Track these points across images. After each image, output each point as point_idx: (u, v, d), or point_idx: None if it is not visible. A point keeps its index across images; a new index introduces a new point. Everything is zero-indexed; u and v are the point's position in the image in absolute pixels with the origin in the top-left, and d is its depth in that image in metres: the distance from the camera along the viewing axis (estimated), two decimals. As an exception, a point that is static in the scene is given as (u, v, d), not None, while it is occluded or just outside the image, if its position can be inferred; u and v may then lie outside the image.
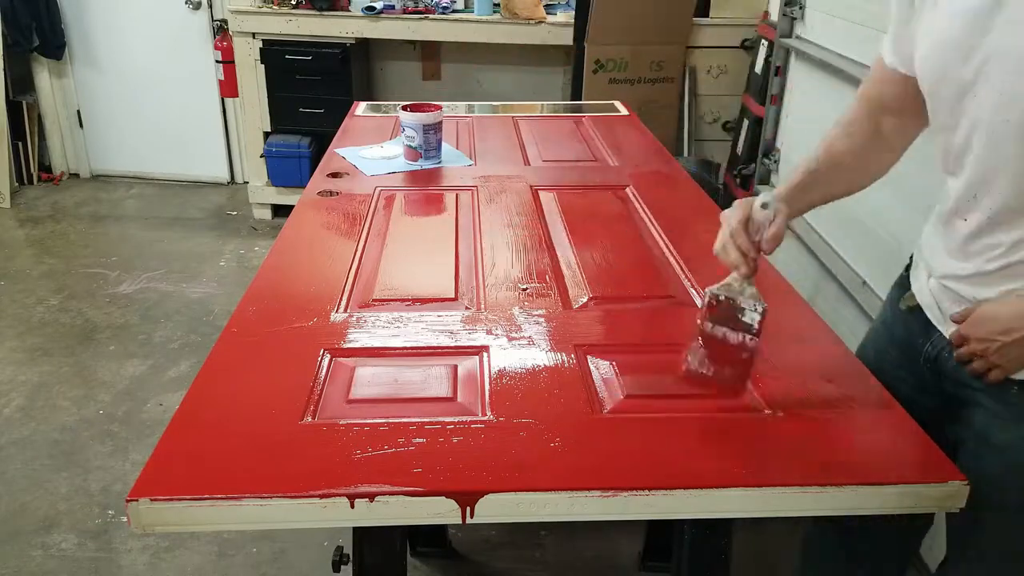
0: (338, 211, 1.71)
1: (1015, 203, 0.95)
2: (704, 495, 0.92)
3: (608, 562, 1.99)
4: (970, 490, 0.94)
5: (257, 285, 1.38)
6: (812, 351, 1.21)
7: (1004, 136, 0.92)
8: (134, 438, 2.41)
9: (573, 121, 2.48)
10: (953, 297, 1.08)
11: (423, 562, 1.98)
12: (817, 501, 0.93)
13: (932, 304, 1.13)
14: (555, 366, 1.15)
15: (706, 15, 3.49)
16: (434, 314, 1.29)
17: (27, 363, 2.78)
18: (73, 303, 3.21)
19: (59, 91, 4.43)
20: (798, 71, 2.93)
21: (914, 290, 1.18)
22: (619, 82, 3.51)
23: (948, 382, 1.13)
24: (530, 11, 3.54)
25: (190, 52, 4.26)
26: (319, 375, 1.12)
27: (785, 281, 1.45)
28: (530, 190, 1.85)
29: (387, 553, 1.20)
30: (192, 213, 4.18)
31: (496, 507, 0.90)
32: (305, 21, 3.61)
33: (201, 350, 2.83)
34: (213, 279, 3.45)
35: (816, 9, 2.78)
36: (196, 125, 4.43)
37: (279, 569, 1.96)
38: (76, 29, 4.30)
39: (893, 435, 1.02)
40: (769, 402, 1.07)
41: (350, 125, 2.38)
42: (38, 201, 4.25)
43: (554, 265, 1.48)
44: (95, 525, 2.08)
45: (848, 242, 2.42)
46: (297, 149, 3.83)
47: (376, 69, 4.16)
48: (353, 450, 0.96)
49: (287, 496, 0.89)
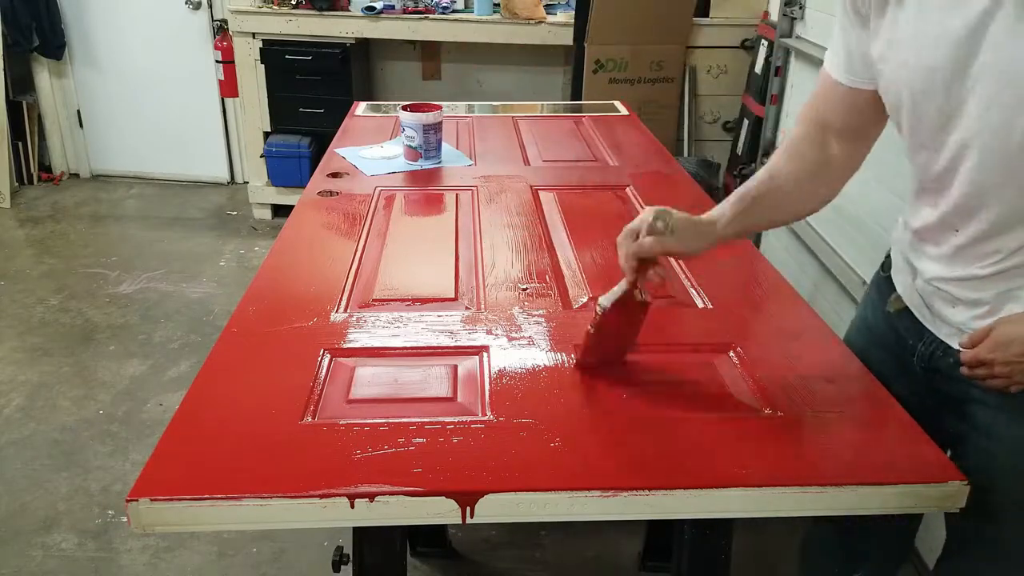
0: (338, 211, 1.71)
1: (1019, 213, 0.93)
2: (704, 495, 0.92)
3: (608, 562, 1.99)
4: (975, 484, 0.94)
5: (257, 285, 1.38)
6: (812, 351, 1.21)
7: (1002, 154, 0.90)
8: (134, 438, 2.41)
9: (573, 121, 2.48)
10: (944, 298, 1.07)
11: (423, 562, 1.98)
12: (817, 501, 0.93)
13: (921, 305, 1.12)
14: (555, 366, 1.15)
15: (706, 15, 3.49)
16: (434, 314, 1.29)
17: (27, 363, 2.78)
18: (73, 303, 3.21)
19: (59, 91, 4.43)
20: (798, 71, 2.94)
21: (899, 292, 1.18)
22: (619, 82, 3.51)
23: (943, 380, 1.12)
24: (530, 11, 3.54)
25: (190, 52, 4.26)
26: (319, 375, 1.12)
27: (785, 281, 1.45)
28: (530, 190, 1.85)
29: (387, 553, 1.20)
30: (192, 213, 4.18)
31: (496, 507, 0.90)
32: (305, 21, 3.61)
33: (201, 350, 2.83)
34: (213, 279, 3.45)
35: (816, 9, 2.78)
36: (196, 125, 4.43)
37: (279, 569, 1.96)
38: (76, 29, 4.30)
39: (893, 435, 1.02)
40: (769, 402, 1.07)
41: (350, 125, 2.38)
42: (38, 201, 4.25)
43: (554, 265, 1.48)
44: (95, 525, 2.08)
45: (848, 242, 2.42)
46: (297, 149, 3.83)
47: (376, 69, 4.16)
48: (353, 450, 0.96)
49: (287, 496, 0.89)
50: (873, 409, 1.08)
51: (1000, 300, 1.00)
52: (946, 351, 1.09)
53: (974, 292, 1.02)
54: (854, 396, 1.10)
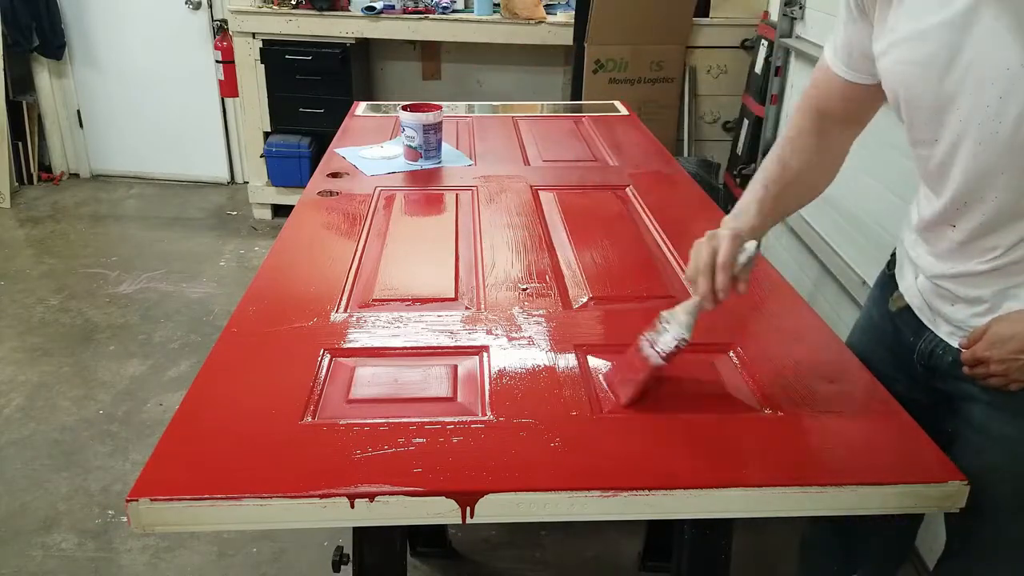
0: (338, 211, 1.71)
1: (1012, 208, 0.95)
2: (704, 495, 0.92)
3: (608, 562, 1.99)
4: (972, 483, 0.94)
5: (257, 285, 1.38)
6: (812, 351, 1.21)
7: (993, 147, 0.91)
8: (134, 438, 2.41)
9: (573, 121, 2.48)
10: (944, 296, 1.08)
11: (423, 562, 1.98)
12: (817, 501, 0.93)
13: (922, 304, 1.13)
14: (555, 366, 1.15)
15: (706, 15, 3.49)
16: (434, 314, 1.29)
17: (27, 363, 2.78)
18: (73, 303, 3.21)
19: (59, 91, 4.43)
20: (798, 71, 2.94)
21: (902, 290, 1.18)
22: (619, 82, 3.51)
23: (942, 379, 1.13)
24: (530, 11, 3.54)
25: (190, 52, 4.26)
26: (319, 375, 1.12)
27: (785, 281, 1.45)
28: (530, 190, 1.85)
29: (387, 553, 1.20)
30: (192, 213, 4.18)
31: (496, 507, 0.90)
32: (305, 21, 3.61)
33: (201, 350, 2.83)
34: (213, 279, 3.45)
35: (816, 9, 2.78)
36: (196, 125, 4.43)
37: (279, 569, 1.96)
38: (76, 29, 4.31)
39: (893, 435, 1.02)
40: (769, 402, 1.07)
41: (350, 125, 2.38)
42: (38, 201, 4.25)
43: (554, 265, 1.48)
44: (95, 525, 2.08)
45: (848, 242, 2.42)
46: (297, 149, 3.83)
47: (376, 69, 4.16)
48: (353, 450, 0.96)
49: (287, 496, 0.89)
50: (873, 409, 1.07)
51: (999, 298, 1.01)
52: (946, 350, 1.10)
53: (973, 289, 1.03)
54: (854, 396, 1.10)
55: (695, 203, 1.82)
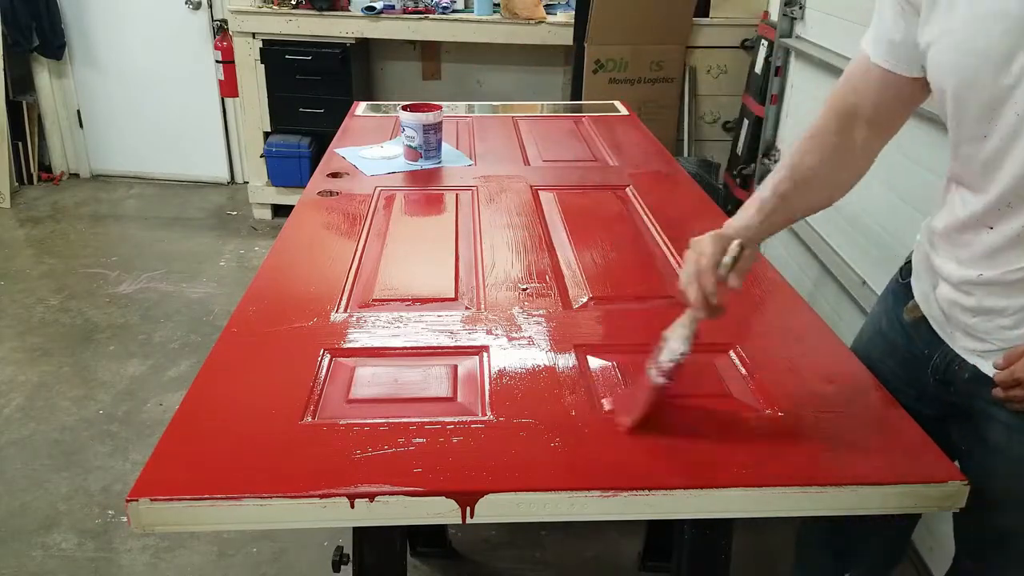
0: (338, 211, 1.71)
1: None
2: (704, 495, 0.92)
3: (608, 562, 1.99)
4: (987, 501, 0.93)
5: (257, 285, 1.38)
6: (812, 351, 1.21)
7: None
8: (134, 438, 2.41)
9: (573, 121, 2.48)
10: (965, 306, 1.03)
11: (423, 562, 1.98)
12: (817, 501, 0.93)
13: (940, 316, 1.09)
14: (555, 366, 1.15)
15: (706, 15, 3.49)
16: (434, 314, 1.29)
17: (27, 363, 2.78)
18: (73, 303, 3.21)
19: (59, 91, 4.43)
20: (798, 71, 2.94)
21: (918, 300, 1.15)
22: (619, 82, 3.51)
23: (957, 394, 1.10)
24: (530, 11, 3.54)
25: (190, 52, 4.26)
26: (319, 375, 1.12)
27: (785, 281, 1.45)
28: (530, 190, 1.85)
29: (387, 553, 1.20)
30: (192, 213, 4.18)
31: (496, 507, 0.90)
32: (305, 21, 3.61)
33: (201, 350, 2.83)
34: (213, 279, 3.45)
35: (816, 9, 2.78)
36: (196, 125, 4.43)
37: (279, 569, 1.96)
38: (76, 29, 4.30)
39: (893, 435, 1.02)
40: (769, 402, 1.07)
41: (350, 125, 2.38)
42: (38, 201, 4.25)
43: (554, 265, 1.48)
44: (95, 525, 2.08)
45: (848, 242, 2.42)
46: (297, 149, 3.83)
47: (376, 69, 4.16)
48: (353, 450, 0.96)
49: (287, 496, 0.89)
50: (873, 409, 1.07)
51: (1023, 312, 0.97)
52: (962, 365, 1.07)
53: (999, 299, 0.99)
54: (854, 396, 1.10)
55: (695, 203, 1.82)
